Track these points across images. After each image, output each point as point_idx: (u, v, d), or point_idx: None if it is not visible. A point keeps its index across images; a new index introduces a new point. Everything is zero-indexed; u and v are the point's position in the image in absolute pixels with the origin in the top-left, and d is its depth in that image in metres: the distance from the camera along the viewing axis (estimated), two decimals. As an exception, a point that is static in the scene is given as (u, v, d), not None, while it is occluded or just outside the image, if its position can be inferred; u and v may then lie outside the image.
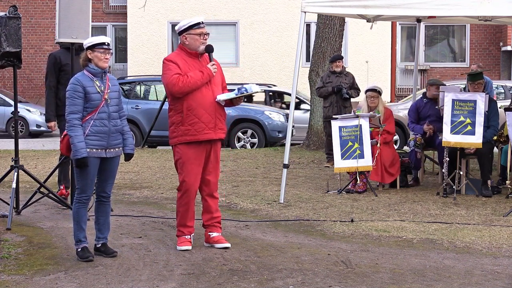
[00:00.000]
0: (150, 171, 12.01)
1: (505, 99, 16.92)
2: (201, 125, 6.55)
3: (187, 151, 6.59)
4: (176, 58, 6.70)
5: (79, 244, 6.31)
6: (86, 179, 6.27)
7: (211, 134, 6.60)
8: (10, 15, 7.94)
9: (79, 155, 6.13)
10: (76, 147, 6.13)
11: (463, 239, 7.18)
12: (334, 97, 12.52)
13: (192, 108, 6.55)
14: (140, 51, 26.19)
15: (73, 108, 6.19)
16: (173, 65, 6.60)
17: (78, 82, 6.22)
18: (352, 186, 9.89)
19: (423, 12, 9.60)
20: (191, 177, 6.60)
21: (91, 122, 6.22)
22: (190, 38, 6.66)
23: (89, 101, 6.22)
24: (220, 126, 6.66)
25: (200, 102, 6.55)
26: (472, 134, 9.36)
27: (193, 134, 6.56)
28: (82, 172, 6.24)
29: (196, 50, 6.65)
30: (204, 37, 6.65)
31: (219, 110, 6.66)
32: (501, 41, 26.25)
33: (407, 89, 25.50)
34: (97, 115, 6.24)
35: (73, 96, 6.19)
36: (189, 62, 6.63)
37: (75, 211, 6.33)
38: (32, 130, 22.67)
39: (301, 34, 9.37)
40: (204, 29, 6.67)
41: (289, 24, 24.80)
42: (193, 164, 6.60)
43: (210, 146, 6.68)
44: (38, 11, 27.58)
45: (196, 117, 6.54)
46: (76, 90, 6.19)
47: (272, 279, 5.74)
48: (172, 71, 6.55)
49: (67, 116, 6.22)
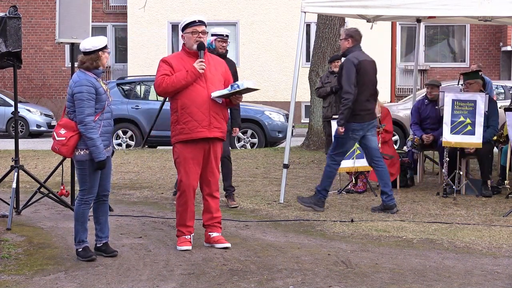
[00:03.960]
0: (150, 171, 12.01)
1: (505, 99, 16.92)
2: (194, 123, 6.54)
3: (184, 150, 6.60)
4: (172, 58, 6.74)
5: (80, 244, 6.31)
6: (95, 180, 6.29)
7: (205, 132, 6.57)
8: (10, 15, 7.94)
9: (102, 157, 6.16)
10: (99, 149, 6.14)
11: (463, 239, 7.18)
12: (333, 97, 12.50)
13: (185, 107, 6.55)
14: (140, 51, 26.19)
15: (89, 110, 6.14)
16: (164, 65, 6.64)
17: (91, 84, 6.18)
18: (352, 186, 9.90)
19: (423, 12, 9.60)
20: (189, 176, 6.61)
21: (101, 122, 6.23)
22: (186, 36, 6.69)
23: (99, 101, 6.21)
24: (216, 125, 6.60)
25: (193, 101, 6.54)
26: (472, 134, 9.36)
27: (187, 132, 6.56)
28: (93, 174, 6.25)
29: (191, 49, 6.66)
30: (198, 35, 6.63)
31: (214, 109, 6.60)
32: (501, 41, 26.25)
33: (407, 89, 25.49)
34: (105, 115, 6.27)
35: (89, 99, 6.14)
36: (186, 61, 6.62)
37: (81, 212, 6.32)
38: (32, 130, 22.67)
39: (301, 34, 9.38)
40: (199, 27, 6.63)
41: (289, 24, 24.80)
42: (190, 163, 6.60)
43: (209, 146, 6.66)
44: (38, 11, 27.57)
45: (189, 116, 6.54)
46: (90, 92, 6.15)
47: (272, 279, 5.74)
48: (160, 72, 6.61)
49: (84, 118, 6.11)
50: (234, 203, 8.86)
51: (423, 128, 10.59)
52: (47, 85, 27.58)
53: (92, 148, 6.14)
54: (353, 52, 8.43)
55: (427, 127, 10.58)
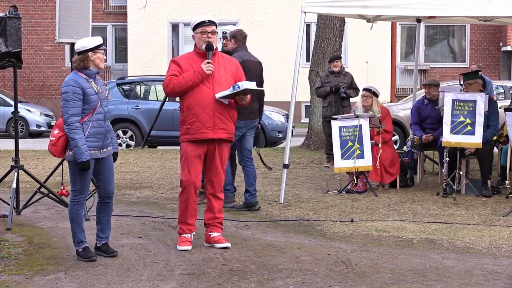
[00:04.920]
0: (150, 171, 12.00)
1: (505, 99, 16.92)
2: (198, 124, 6.58)
3: (188, 149, 6.66)
4: (181, 58, 6.80)
5: (80, 244, 6.31)
6: (85, 181, 6.28)
7: (209, 133, 6.60)
8: (10, 15, 7.94)
9: (84, 158, 6.11)
10: (80, 150, 6.10)
11: (463, 239, 7.18)
12: (332, 97, 12.53)
13: (191, 107, 6.60)
14: (140, 51, 26.19)
15: (74, 110, 6.14)
16: (173, 66, 6.69)
17: (77, 84, 6.16)
18: (352, 186, 9.90)
19: (423, 12, 9.60)
20: (190, 174, 6.64)
21: (90, 123, 6.22)
22: (196, 37, 6.74)
23: (87, 102, 6.19)
24: (221, 126, 6.63)
25: (198, 101, 6.57)
26: (472, 134, 9.36)
27: (192, 133, 6.62)
28: (82, 174, 6.23)
29: (200, 49, 6.68)
30: (207, 35, 6.65)
31: (220, 110, 6.62)
32: (501, 41, 26.25)
33: (407, 89, 25.51)
34: (95, 116, 6.24)
35: (74, 99, 6.13)
36: (195, 62, 6.65)
37: (75, 213, 6.31)
38: (32, 130, 22.67)
39: (301, 34, 9.38)
40: (208, 27, 6.65)
41: (289, 24, 24.79)
42: (192, 162, 6.63)
43: (214, 146, 6.68)
44: (38, 11, 27.58)
45: (194, 116, 6.59)
46: (75, 92, 6.14)
47: (272, 279, 5.74)
48: (169, 72, 6.69)
49: (68, 118, 6.13)
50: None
51: (423, 128, 10.59)
52: (47, 85, 27.59)
53: (74, 148, 6.12)
54: (238, 52, 8.54)
55: (427, 127, 10.58)
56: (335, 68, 12.69)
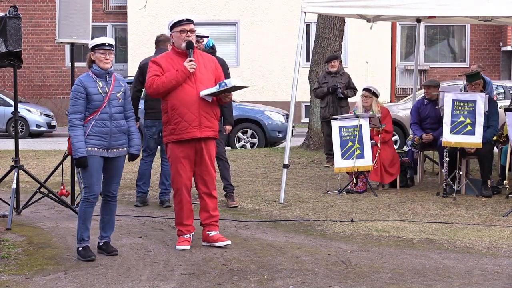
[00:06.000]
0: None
1: (505, 99, 16.91)
2: (184, 124, 6.55)
3: (175, 150, 6.64)
4: (161, 58, 6.73)
5: (81, 243, 6.34)
6: (91, 177, 6.31)
7: (196, 132, 6.58)
8: (10, 15, 7.95)
9: (77, 155, 6.21)
10: (75, 146, 6.21)
11: (463, 239, 7.18)
12: (330, 97, 12.53)
13: (175, 108, 6.56)
14: (140, 51, 26.15)
15: (75, 108, 6.26)
16: (154, 66, 6.65)
17: (81, 84, 6.29)
18: (352, 186, 9.90)
19: (423, 12, 9.60)
20: (181, 175, 6.64)
21: (93, 122, 6.27)
22: (174, 36, 6.69)
23: (90, 102, 6.27)
24: (206, 124, 6.61)
25: (183, 101, 6.54)
26: (472, 134, 9.36)
27: (178, 133, 6.59)
28: (84, 171, 6.31)
29: (179, 48, 6.65)
30: (187, 34, 6.62)
31: (204, 108, 6.59)
32: (501, 41, 26.24)
33: (407, 89, 25.50)
34: (99, 115, 6.29)
35: (75, 97, 6.26)
36: (175, 61, 6.62)
37: (83, 210, 6.37)
38: (32, 130, 22.66)
39: (301, 34, 9.38)
40: (187, 25, 6.62)
41: (289, 24, 24.79)
42: (181, 163, 6.63)
43: (201, 145, 6.66)
44: (38, 11, 27.57)
45: (179, 116, 6.55)
46: (78, 91, 6.27)
47: (272, 279, 5.74)
48: (150, 73, 6.63)
49: (69, 116, 6.30)
50: (234, 203, 8.87)
51: (423, 128, 10.60)
52: (47, 85, 27.57)
53: (72, 144, 6.26)
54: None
55: (427, 127, 10.59)
56: (332, 69, 12.70)
